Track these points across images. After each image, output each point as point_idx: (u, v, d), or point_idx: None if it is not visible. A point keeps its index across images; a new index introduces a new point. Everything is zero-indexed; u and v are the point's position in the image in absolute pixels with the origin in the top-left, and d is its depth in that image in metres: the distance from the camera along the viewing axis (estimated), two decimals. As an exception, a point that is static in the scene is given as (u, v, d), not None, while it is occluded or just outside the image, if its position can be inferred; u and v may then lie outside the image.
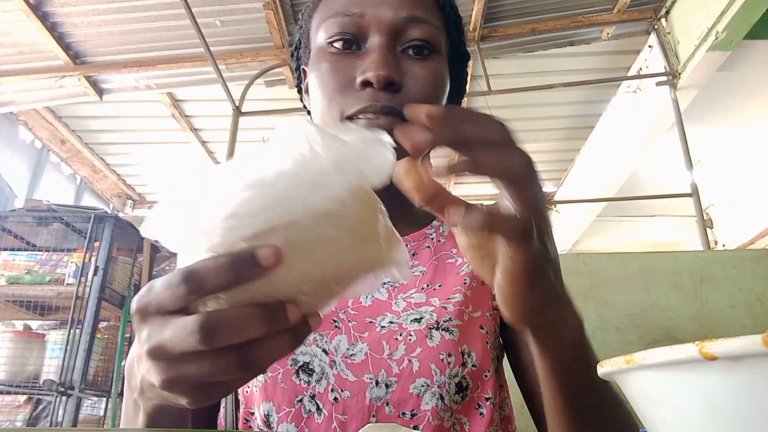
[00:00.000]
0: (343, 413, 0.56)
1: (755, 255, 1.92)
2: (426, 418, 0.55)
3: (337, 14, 0.62)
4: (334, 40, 0.61)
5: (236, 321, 0.31)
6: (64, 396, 2.32)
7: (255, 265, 0.30)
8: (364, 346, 0.59)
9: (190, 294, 0.31)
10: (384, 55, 0.59)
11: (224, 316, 0.31)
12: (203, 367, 0.32)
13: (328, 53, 0.62)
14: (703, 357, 0.21)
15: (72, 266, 2.55)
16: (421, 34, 0.61)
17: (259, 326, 0.31)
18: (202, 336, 0.30)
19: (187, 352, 0.31)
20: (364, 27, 0.61)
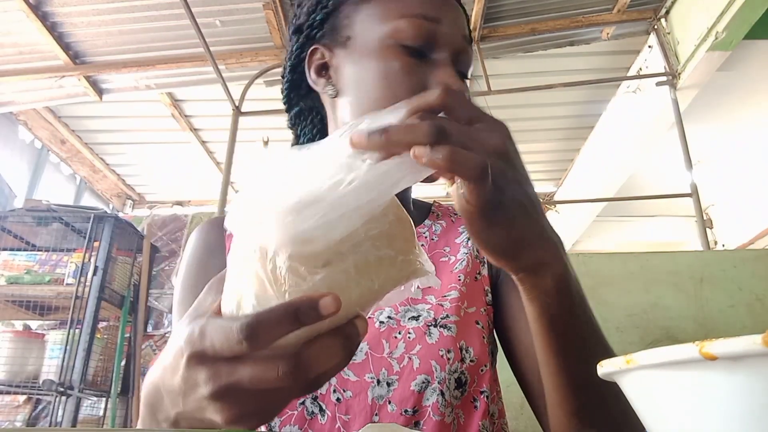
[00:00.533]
0: (346, 413, 0.56)
1: (755, 255, 1.92)
2: (427, 413, 0.55)
3: (417, 16, 0.60)
4: (409, 43, 0.60)
5: (321, 358, 0.32)
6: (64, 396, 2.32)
7: (316, 314, 0.31)
8: (364, 345, 0.59)
9: (252, 350, 0.31)
10: (456, 72, 0.60)
11: (311, 355, 0.32)
12: (278, 398, 0.34)
13: (399, 53, 0.60)
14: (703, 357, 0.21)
15: (71, 266, 2.55)
16: (469, 60, 0.64)
17: (340, 353, 0.33)
18: (293, 378, 0.31)
19: (270, 390, 0.33)
20: (437, 37, 0.60)
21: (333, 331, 0.33)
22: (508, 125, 0.41)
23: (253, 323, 0.31)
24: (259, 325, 0.31)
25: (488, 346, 0.62)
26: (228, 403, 0.33)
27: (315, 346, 0.32)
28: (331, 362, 0.33)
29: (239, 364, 0.32)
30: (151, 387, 0.39)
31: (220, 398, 0.33)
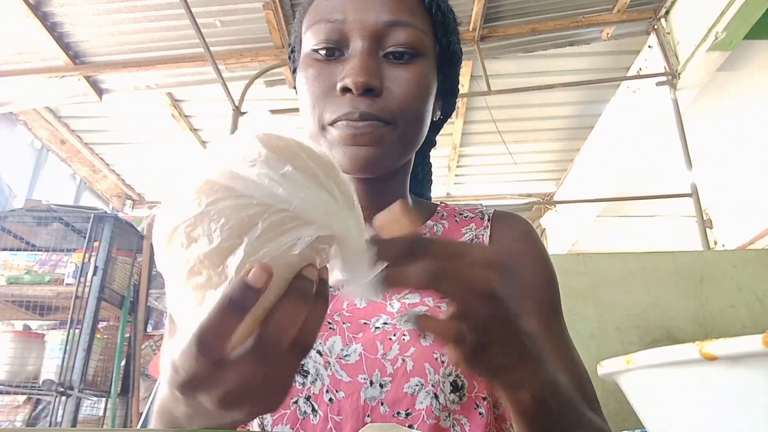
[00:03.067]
0: (338, 414, 0.56)
1: (755, 255, 1.92)
2: (421, 417, 0.55)
3: (320, 20, 0.62)
4: (318, 47, 0.62)
5: (286, 320, 0.32)
6: (64, 396, 2.32)
7: (252, 293, 0.30)
8: (358, 346, 0.59)
9: (213, 357, 0.31)
10: (364, 60, 0.59)
11: (275, 323, 0.32)
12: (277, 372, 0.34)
13: (312, 59, 0.63)
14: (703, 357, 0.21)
15: (71, 266, 2.56)
16: (403, 39, 0.61)
17: (302, 307, 0.32)
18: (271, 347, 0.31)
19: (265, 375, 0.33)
20: (346, 33, 0.61)
21: (283, 295, 0.32)
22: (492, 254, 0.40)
23: (199, 335, 0.31)
24: (206, 333, 0.31)
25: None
26: (240, 405, 0.34)
27: (271, 317, 0.32)
28: (297, 320, 0.32)
29: (222, 373, 0.32)
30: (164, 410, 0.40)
31: (229, 405, 0.34)
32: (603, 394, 0.65)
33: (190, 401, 0.35)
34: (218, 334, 0.31)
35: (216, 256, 0.31)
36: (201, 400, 0.34)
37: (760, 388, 0.21)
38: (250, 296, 0.30)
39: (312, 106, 0.61)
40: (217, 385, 0.33)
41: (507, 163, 4.38)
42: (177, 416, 0.38)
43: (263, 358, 0.31)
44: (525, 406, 0.44)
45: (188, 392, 0.33)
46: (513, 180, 4.87)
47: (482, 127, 3.97)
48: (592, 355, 1.82)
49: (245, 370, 0.32)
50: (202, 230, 0.32)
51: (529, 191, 5.12)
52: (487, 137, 4.09)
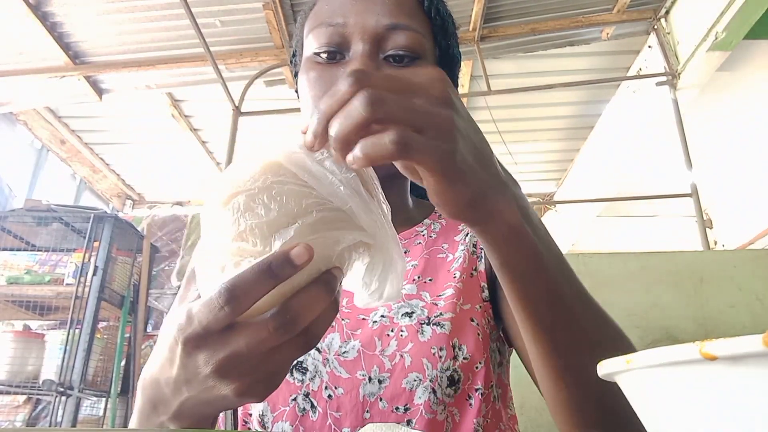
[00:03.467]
0: (337, 410, 0.57)
1: (755, 255, 1.92)
2: (419, 411, 0.56)
3: (322, 24, 0.63)
4: (319, 51, 0.63)
5: (308, 305, 0.33)
6: (64, 396, 2.32)
7: (290, 266, 0.32)
8: (357, 343, 0.60)
9: (236, 313, 0.32)
10: (364, 63, 0.60)
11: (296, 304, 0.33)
12: (278, 360, 0.34)
13: (314, 63, 0.63)
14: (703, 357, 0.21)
15: (71, 266, 2.56)
16: (403, 42, 0.61)
17: (324, 300, 0.34)
18: (285, 329, 0.32)
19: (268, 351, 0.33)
20: (347, 36, 0.62)
21: (312, 282, 0.34)
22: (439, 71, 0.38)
23: (230, 287, 0.32)
24: (236, 287, 0.32)
25: (484, 343, 0.62)
26: (233, 376, 0.34)
27: (297, 296, 0.33)
28: (317, 308, 0.34)
29: (231, 334, 0.33)
30: (150, 380, 0.39)
31: (224, 373, 0.34)
32: (603, 394, 0.65)
33: (185, 360, 0.34)
34: (246, 293, 0.32)
35: (267, 228, 0.34)
36: (198, 359, 0.34)
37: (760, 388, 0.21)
38: (288, 269, 0.32)
39: (314, 107, 0.62)
40: (223, 345, 0.33)
41: (507, 163, 4.34)
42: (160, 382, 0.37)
43: (276, 330, 0.32)
44: (507, 246, 0.41)
45: (192, 346, 0.34)
46: (513, 180, 4.86)
47: (482, 127, 3.83)
48: (592, 355, 1.82)
49: (254, 338, 0.32)
50: (262, 202, 0.34)
51: (529, 191, 5.12)
52: (487, 137, 4.07)
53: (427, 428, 0.55)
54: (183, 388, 0.36)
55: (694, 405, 0.23)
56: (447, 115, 0.36)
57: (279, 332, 0.32)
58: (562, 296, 0.45)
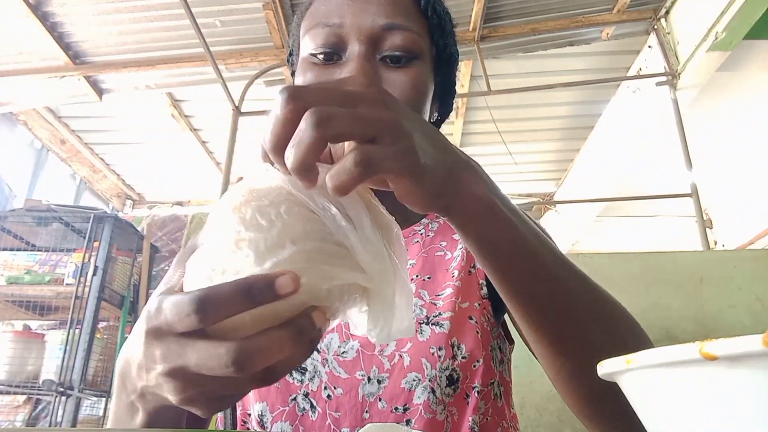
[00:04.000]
0: (336, 410, 0.57)
1: (755, 255, 1.92)
2: (418, 411, 0.56)
3: (318, 25, 0.62)
4: (315, 52, 0.62)
5: (269, 349, 0.31)
6: (64, 396, 2.32)
7: (271, 293, 0.30)
8: (355, 343, 0.60)
9: (202, 324, 0.31)
10: (361, 64, 0.59)
11: (256, 346, 0.31)
12: (228, 386, 0.33)
13: (310, 64, 0.63)
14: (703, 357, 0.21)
15: (71, 266, 2.56)
16: (400, 42, 0.61)
17: (291, 347, 0.31)
18: (237, 367, 0.30)
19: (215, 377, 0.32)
20: (343, 37, 0.61)
21: (285, 322, 0.32)
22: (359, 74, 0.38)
23: (203, 297, 0.31)
24: (209, 300, 0.30)
25: (484, 340, 0.62)
26: (180, 384, 0.33)
27: (262, 337, 0.31)
28: (280, 355, 0.31)
29: (188, 344, 0.32)
30: (122, 358, 0.39)
31: (172, 378, 0.33)
32: (603, 394, 0.65)
33: (145, 347, 0.34)
34: (218, 309, 0.30)
35: (263, 245, 0.33)
36: (155, 353, 0.33)
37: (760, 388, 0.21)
38: (268, 295, 0.30)
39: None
40: (178, 352, 0.32)
41: (507, 163, 4.38)
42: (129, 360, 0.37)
43: (227, 367, 0.30)
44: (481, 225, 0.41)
45: (153, 338, 0.33)
46: (513, 180, 4.86)
47: (482, 127, 3.97)
48: (592, 355, 1.82)
49: (207, 362, 0.31)
50: (268, 217, 0.33)
51: (529, 191, 5.12)
52: (487, 137, 4.09)
53: (427, 428, 0.55)
54: (143, 373, 0.35)
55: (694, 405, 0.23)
56: (393, 117, 0.35)
57: (230, 366, 0.30)
58: (544, 264, 0.43)
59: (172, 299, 0.32)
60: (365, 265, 0.34)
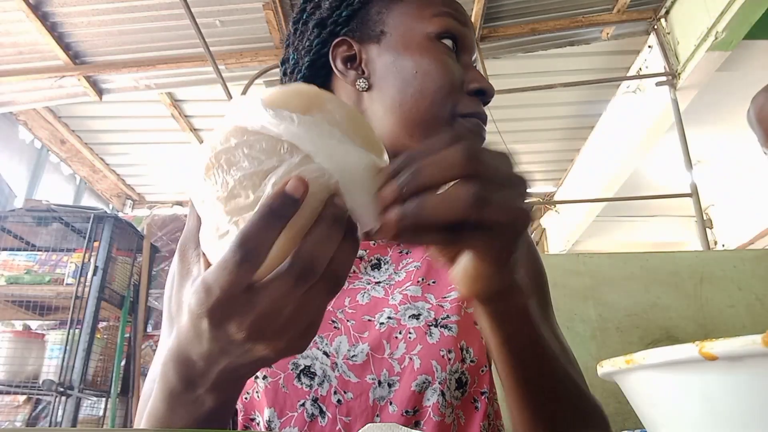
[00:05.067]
0: (347, 415, 0.56)
1: (755, 255, 1.92)
2: (427, 414, 0.55)
3: (449, 14, 0.63)
4: (447, 36, 0.62)
5: (320, 245, 0.32)
6: (64, 396, 2.32)
7: (291, 202, 0.31)
8: (365, 346, 0.59)
9: (254, 266, 0.31)
10: (481, 77, 0.63)
11: (308, 249, 0.32)
12: (309, 309, 0.34)
13: (437, 49, 0.61)
14: (703, 357, 0.21)
15: (71, 266, 2.55)
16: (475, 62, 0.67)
17: (336, 234, 0.32)
18: (305, 277, 0.31)
19: (297, 303, 0.32)
20: (465, 38, 0.64)
21: (317, 219, 0.32)
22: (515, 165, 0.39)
23: (240, 241, 0.31)
24: (246, 240, 0.31)
25: (487, 347, 0.61)
26: (268, 336, 0.33)
27: (306, 239, 0.32)
28: (331, 245, 0.32)
29: (255, 295, 0.32)
30: (180, 359, 0.37)
31: (259, 335, 0.33)
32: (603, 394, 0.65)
33: (215, 332, 0.33)
34: (258, 243, 0.31)
35: (257, 177, 0.33)
36: (229, 328, 0.33)
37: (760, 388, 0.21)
38: (289, 205, 0.31)
39: (447, 93, 0.60)
40: (250, 308, 0.32)
41: (507, 163, 4.38)
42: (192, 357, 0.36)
43: (297, 279, 0.31)
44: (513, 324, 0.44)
45: (219, 316, 0.32)
46: (513, 180, 4.86)
47: (482, 126, 3.97)
48: (592, 355, 1.82)
49: (279, 292, 0.32)
50: (243, 154, 0.33)
51: (529, 191, 5.12)
52: (487, 137, 4.08)
53: (435, 431, 0.55)
54: (220, 358, 0.35)
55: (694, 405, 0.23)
56: (527, 214, 0.38)
57: (300, 281, 0.31)
58: (551, 363, 0.49)
59: (212, 270, 0.32)
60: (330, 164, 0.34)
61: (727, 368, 0.21)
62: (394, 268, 0.66)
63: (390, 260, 0.67)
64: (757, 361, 0.20)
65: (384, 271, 0.66)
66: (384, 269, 0.66)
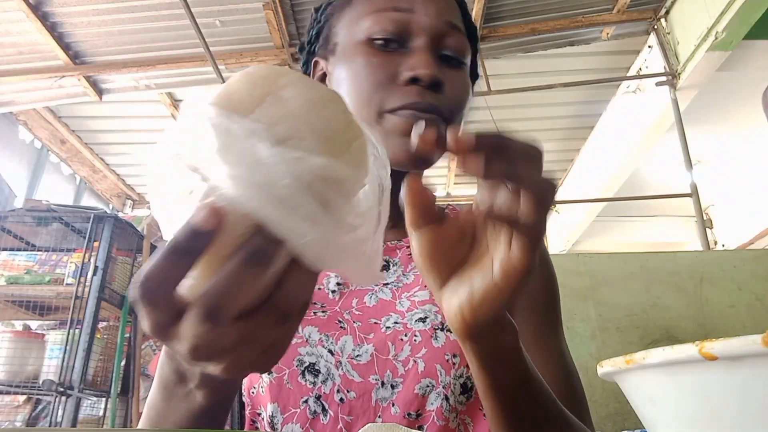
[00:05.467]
0: (348, 414, 0.56)
1: (755, 255, 1.92)
2: (431, 418, 0.55)
3: (385, 9, 0.61)
4: (379, 36, 0.61)
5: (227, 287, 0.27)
6: (64, 396, 2.31)
7: (199, 238, 0.26)
8: (370, 347, 0.59)
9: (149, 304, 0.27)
10: (432, 56, 0.60)
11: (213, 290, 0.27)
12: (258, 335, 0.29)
13: (368, 48, 0.61)
14: (703, 357, 0.21)
15: (71, 266, 2.55)
16: (456, 44, 0.62)
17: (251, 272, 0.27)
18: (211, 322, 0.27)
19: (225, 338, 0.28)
20: (410, 25, 0.61)
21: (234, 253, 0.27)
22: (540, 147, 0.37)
23: (139, 283, 0.27)
24: (146, 281, 0.27)
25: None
26: (214, 359, 0.29)
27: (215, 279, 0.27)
28: (241, 287, 0.27)
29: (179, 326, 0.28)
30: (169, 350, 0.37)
31: (202, 358, 0.29)
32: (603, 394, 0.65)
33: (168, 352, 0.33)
34: (161, 281, 0.27)
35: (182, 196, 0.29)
36: (172, 346, 0.29)
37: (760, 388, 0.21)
38: (195, 240, 0.26)
39: (371, 92, 0.60)
40: (178, 337, 0.28)
41: (507, 163, 4.38)
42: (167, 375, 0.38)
43: (204, 320, 0.27)
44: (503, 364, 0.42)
45: (157, 337, 0.29)
46: (513, 180, 4.87)
47: (482, 127, 3.97)
48: (592, 355, 1.82)
49: (192, 331, 0.27)
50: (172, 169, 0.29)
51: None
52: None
53: None
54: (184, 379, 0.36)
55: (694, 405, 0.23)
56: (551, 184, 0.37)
57: (208, 322, 0.27)
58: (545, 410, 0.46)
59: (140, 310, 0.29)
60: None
61: (726, 368, 0.21)
62: (402, 270, 0.66)
63: (399, 262, 0.66)
64: (756, 361, 0.20)
65: (392, 272, 0.65)
66: (392, 271, 0.66)
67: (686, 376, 0.23)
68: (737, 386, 0.21)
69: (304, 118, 0.29)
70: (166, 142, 0.31)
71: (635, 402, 0.27)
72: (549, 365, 0.58)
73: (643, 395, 0.26)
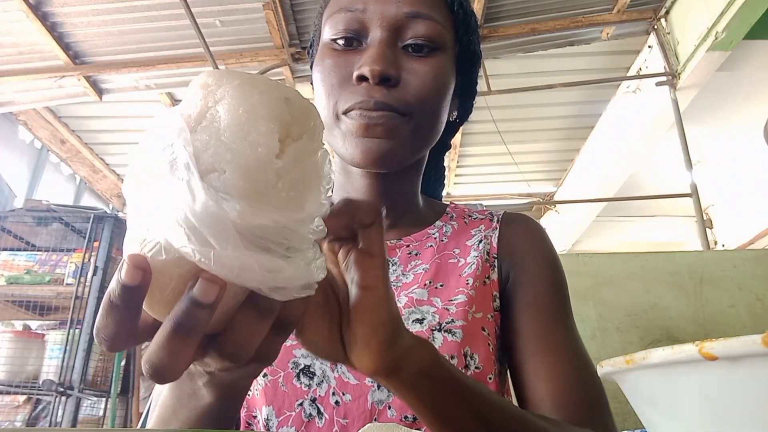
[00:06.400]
0: (344, 417, 0.55)
1: (755, 255, 1.92)
2: None
3: (340, 10, 0.62)
4: (336, 37, 0.61)
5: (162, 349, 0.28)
6: (64, 396, 2.31)
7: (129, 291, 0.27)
8: None
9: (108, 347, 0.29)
10: (382, 50, 0.59)
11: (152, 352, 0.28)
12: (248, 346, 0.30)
13: (330, 49, 0.62)
14: (703, 357, 0.21)
15: (71, 266, 2.55)
16: (423, 31, 0.60)
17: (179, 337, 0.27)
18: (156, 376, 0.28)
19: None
20: (365, 22, 0.61)
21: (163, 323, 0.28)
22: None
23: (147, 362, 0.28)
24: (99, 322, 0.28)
25: (494, 354, 0.60)
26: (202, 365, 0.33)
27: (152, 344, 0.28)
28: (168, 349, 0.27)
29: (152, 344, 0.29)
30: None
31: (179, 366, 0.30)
32: (603, 394, 0.65)
33: None
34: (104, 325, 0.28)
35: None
36: None
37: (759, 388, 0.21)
38: (128, 296, 0.27)
39: (327, 96, 0.60)
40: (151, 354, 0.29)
41: (507, 163, 4.38)
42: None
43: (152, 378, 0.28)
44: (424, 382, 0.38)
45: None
46: (513, 180, 4.86)
47: (482, 127, 3.97)
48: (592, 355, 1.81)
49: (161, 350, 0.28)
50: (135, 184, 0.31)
51: (529, 191, 5.12)
52: (487, 137, 4.09)
53: None
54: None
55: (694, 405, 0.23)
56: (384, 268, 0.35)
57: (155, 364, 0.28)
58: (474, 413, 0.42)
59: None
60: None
61: (726, 368, 0.21)
62: (402, 269, 0.65)
63: (398, 261, 0.66)
64: (756, 361, 0.20)
65: (392, 272, 0.65)
66: (392, 270, 0.65)
67: (686, 376, 0.23)
68: (737, 386, 0.21)
69: (228, 145, 0.27)
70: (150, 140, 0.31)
71: (635, 402, 0.27)
72: (556, 363, 0.57)
73: (643, 395, 0.26)
